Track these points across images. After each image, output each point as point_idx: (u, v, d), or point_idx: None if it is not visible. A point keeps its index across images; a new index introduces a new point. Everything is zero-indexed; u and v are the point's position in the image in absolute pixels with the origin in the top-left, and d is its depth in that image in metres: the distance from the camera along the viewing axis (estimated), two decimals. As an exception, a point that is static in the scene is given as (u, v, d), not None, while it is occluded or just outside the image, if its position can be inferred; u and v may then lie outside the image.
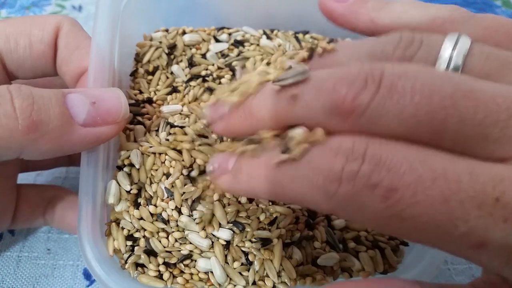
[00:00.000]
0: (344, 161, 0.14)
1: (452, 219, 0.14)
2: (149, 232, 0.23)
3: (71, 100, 0.20)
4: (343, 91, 0.15)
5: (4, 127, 0.18)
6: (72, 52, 0.25)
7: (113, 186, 0.24)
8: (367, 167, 0.14)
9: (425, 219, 0.14)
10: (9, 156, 0.19)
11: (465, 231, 0.14)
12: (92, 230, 0.22)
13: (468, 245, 0.14)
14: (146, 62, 0.29)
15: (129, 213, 0.24)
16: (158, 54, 0.30)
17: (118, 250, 0.23)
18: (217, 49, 0.31)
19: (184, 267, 0.23)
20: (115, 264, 0.23)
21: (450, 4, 0.21)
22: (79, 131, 0.20)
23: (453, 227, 0.14)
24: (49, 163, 0.30)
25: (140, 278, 0.22)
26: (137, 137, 0.25)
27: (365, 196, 0.14)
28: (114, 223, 0.23)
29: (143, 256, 0.23)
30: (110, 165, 0.24)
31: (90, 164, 0.23)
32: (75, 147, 0.21)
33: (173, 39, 0.31)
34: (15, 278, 0.28)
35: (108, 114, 0.21)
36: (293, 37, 0.33)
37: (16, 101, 0.18)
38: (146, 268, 0.23)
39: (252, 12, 0.33)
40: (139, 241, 0.23)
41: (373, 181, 0.14)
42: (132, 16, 0.29)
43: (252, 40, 0.32)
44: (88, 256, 0.21)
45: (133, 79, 0.29)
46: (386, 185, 0.14)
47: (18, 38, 0.24)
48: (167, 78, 0.29)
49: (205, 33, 0.32)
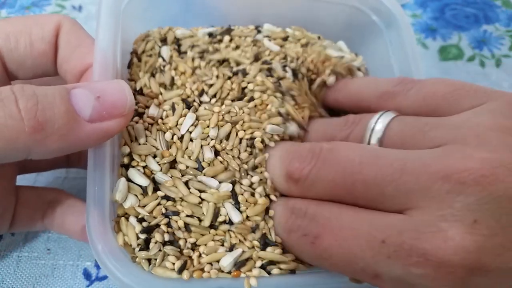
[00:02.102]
0: (294, 218, 0.21)
1: (353, 257, 0.18)
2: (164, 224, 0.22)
3: (76, 96, 0.19)
4: (296, 165, 0.21)
5: (10, 129, 0.17)
6: (74, 50, 0.24)
7: (121, 184, 0.23)
8: (305, 221, 0.20)
9: (336, 258, 0.19)
10: (17, 158, 0.19)
11: (363, 266, 0.18)
12: (102, 226, 0.21)
13: (368, 276, 0.19)
14: (141, 53, 0.29)
15: (140, 206, 0.23)
16: (151, 45, 0.29)
17: (128, 245, 0.22)
18: (205, 31, 0.31)
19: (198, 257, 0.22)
20: (126, 258, 0.22)
21: (448, 5, 0.23)
22: (86, 127, 0.19)
23: (354, 264, 0.18)
24: (47, 164, 0.30)
25: (156, 270, 0.21)
26: (137, 134, 0.25)
27: (302, 243, 0.20)
28: (123, 217, 0.23)
29: (162, 250, 0.22)
30: (116, 161, 0.24)
31: (97, 161, 0.22)
32: (83, 144, 0.20)
33: (165, 33, 0.31)
34: (15, 278, 0.28)
35: (114, 108, 0.20)
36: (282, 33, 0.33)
37: (20, 102, 0.18)
38: (159, 260, 0.22)
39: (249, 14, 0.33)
40: (154, 233, 0.22)
41: (307, 231, 0.20)
42: (132, 18, 0.29)
43: (243, 31, 0.32)
44: (99, 250, 0.21)
45: (130, 71, 0.28)
46: (313, 234, 0.20)
47: (18, 37, 0.24)
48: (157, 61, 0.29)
49: (198, 31, 0.32)
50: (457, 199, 0.17)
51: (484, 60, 0.44)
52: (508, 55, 0.44)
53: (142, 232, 0.22)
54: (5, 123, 0.17)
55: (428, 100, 0.22)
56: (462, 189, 0.17)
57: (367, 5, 0.32)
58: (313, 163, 0.21)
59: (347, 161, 0.20)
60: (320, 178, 0.20)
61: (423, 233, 0.17)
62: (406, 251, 0.17)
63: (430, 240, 0.17)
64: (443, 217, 0.17)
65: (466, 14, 0.47)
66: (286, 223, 0.21)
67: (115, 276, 0.20)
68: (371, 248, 0.18)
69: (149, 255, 0.22)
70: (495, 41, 0.45)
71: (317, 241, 0.19)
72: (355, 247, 0.18)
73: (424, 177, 0.18)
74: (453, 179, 0.17)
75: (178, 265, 0.22)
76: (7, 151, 0.18)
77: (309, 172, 0.20)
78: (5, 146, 0.17)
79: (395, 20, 0.31)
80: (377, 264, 0.18)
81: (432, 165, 0.18)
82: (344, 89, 0.28)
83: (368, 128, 0.22)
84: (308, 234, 0.20)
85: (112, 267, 0.21)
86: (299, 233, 0.20)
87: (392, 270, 0.18)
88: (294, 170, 0.21)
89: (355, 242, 0.18)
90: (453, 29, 0.46)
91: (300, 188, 0.21)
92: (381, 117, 0.22)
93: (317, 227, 0.20)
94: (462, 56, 0.44)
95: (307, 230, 0.20)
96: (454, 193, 0.17)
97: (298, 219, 0.21)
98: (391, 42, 0.31)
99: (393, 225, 0.18)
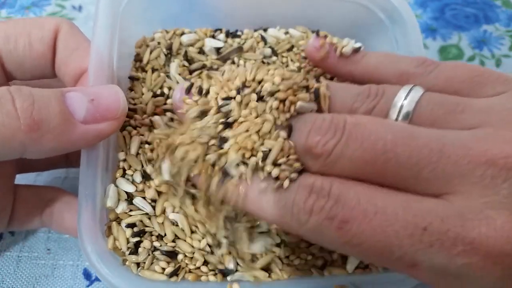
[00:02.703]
0: (315, 198, 0.18)
1: (389, 246, 0.17)
2: None
3: (70, 98, 0.21)
4: (317, 139, 0.19)
5: (7, 127, 0.18)
6: (71, 53, 0.25)
7: (111, 190, 0.24)
8: (330, 203, 0.17)
9: (368, 246, 0.17)
10: (13, 156, 0.20)
11: (400, 255, 0.17)
12: (93, 228, 0.22)
13: (403, 266, 0.17)
14: (145, 63, 0.29)
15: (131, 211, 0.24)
16: (156, 54, 0.30)
17: (118, 248, 0.23)
18: (213, 44, 0.31)
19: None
20: (116, 261, 0.23)
21: (448, 5, 0.22)
22: (79, 128, 0.20)
23: (389, 252, 0.17)
24: (47, 164, 0.30)
25: (144, 272, 0.23)
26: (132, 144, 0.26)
27: (326, 227, 0.17)
28: (114, 222, 0.24)
29: (151, 254, 0.23)
30: (110, 166, 0.24)
31: (90, 164, 0.23)
32: (76, 144, 0.21)
33: (171, 39, 0.31)
34: (15, 278, 0.28)
35: (107, 111, 0.21)
36: (284, 34, 0.33)
37: (17, 101, 0.19)
38: (147, 264, 0.23)
39: (251, 14, 0.33)
40: (143, 238, 0.24)
41: (332, 214, 0.17)
42: (131, 18, 0.29)
43: (249, 34, 0.32)
44: (88, 251, 0.22)
45: (131, 82, 0.29)
46: (340, 218, 0.17)
47: (18, 38, 0.24)
48: (164, 81, 0.29)
49: (202, 32, 0.32)
50: (503, 186, 0.16)
51: (484, 60, 0.43)
52: (508, 55, 0.44)
53: (133, 236, 0.23)
54: (2, 121, 0.18)
55: (450, 83, 0.21)
56: (509, 175, 0.16)
57: (374, 3, 0.32)
58: (338, 137, 0.18)
59: (378, 138, 0.18)
60: (346, 155, 0.18)
61: (469, 220, 0.16)
62: (451, 239, 0.16)
63: (478, 228, 0.16)
64: (489, 204, 0.16)
65: (466, 14, 0.47)
66: (305, 203, 0.18)
67: (104, 277, 0.21)
68: (410, 236, 0.16)
69: (139, 259, 0.23)
70: (495, 41, 0.45)
71: (346, 226, 0.17)
72: (391, 235, 0.17)
73: (464, 160, 0.17)
74: (499, 164, 0.16)
75: (170, 270, 0.23)
76: (3, 149, 0.19)
77: (333, 147, 0.18)
78: (2, 144, 0.18)
79: (402, 18, 0.31)
80: (417, 253, 0.16)
81: (473, 148, 0.17)
82: (362, 62, 0.26)
83: (396, 103, 0.20)
84: (334, 218, 0.17)
85: (101, 268, 0.21)
86: (322, 216, 0.17)
87: (433, 259, 0.16)
88: (315, 143, 0.18)
89: (391, 228, 0.17)
90: (453, 29, 0.46)
91: (320, 165, 0.19)
92: (411, 93, 0.20)
93: (344, 209, 0.17)
94: (462, 56, 0.44)
95: (332, 212, 0.17)
96: (500, 179, 0.16)
97: (320, 199, 0.18)
98: (397, 40, 0.31)
99: (433, 211, 0.17)
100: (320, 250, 0.25)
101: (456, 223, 0.16)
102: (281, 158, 0.19)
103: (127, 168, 0.25)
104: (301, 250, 0.25)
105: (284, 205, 0.18)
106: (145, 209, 0.24)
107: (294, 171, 0.19)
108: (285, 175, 0.19)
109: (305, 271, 0.24)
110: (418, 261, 0.17)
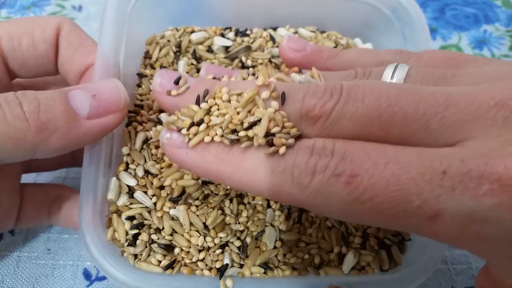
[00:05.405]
0: (318, 158, 0.17)
1: (406, 195, 0.15)
2: None
3: (73, 97, 0.21)
4: (313, 102, 0.18)
5: (18, 129, 0.19)
6: (75, 50, 0.25)
7: (113, 183, 0.24)
8: (335, 160, 0.16)
9: (381, 199, 0.15)
10: (25, 157, 0.20)
11: (419, 204, 0.15)
12: (93, 220, 0.23)
13: (423, 217, 0.15)
14: (154, 61, 0.30)
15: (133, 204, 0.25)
16: (165, 52, 0.30)
17: (117, 240, 0.24)
18: (221, 43, 0.31)
19: None
20: (115, 252, 0.24)
21: (448, 5, 0.23)
22: (85, 124, 0.21)
23: (407, 202, 0.15)
24: (53, 163, 0.30)
25: (140, 264, 0.23)
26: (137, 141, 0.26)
27: (332, 185, 0.16)
28: (115, 214, 0.24)
29: (148, 247, 0.24)
30: (113, 160, 0.25)
31: (92, 158, 0.24)
32: (84, 140, 0.22)
33: (180, 37, 0.31)
34: (15, 278, 0.28)
35: (109, 104, 0.22)
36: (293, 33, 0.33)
37: (24, 104, 0.20)
38: (144, 256, 0.24)
39: (260, 13, 0.34)
40: (142, 230, 0.24)
41: (339, 171, 0.16)
42: (141, 16, 0.29)
43: (259, 33, 0.32)
44: (88, 241, 0.22)
45: (139, 79, 0.29)
46: (348, 172, 0.16)
47: (21, 38, 0.25)
48: None
49: (212, 31, 0.32)
50: None
51: (484, 60, 0.44)
52: (508, 55, 0.44)
53: (132, 228, 0.24)
54: (14, 124, 0.19)
55: (432, 65, 0.21)
56: None
57: (384, 3, 0.32)
58: (336, 98, 0.17)
59: (380, 93, 0.17)
60: (347, 114, 0.17)
61: (492, 157, 0.15)
62: (475, 179, 0.14)
63: (503, 163, 0.14)
64: (510, 142, 0.15)
65: (466, 14, 0.47)
66: (307, 164, 0.17)
67: (101, 267, 0.22)
68: (429, 181, 0.15)
69: (136, 251, 0.24)
70: (495, 41, 0.45)
71: (355, 180, 0.16)
72: (407, 182, 0.15)
73: (473, 106, 0.16)
74: (509, 105, 0.15)
75: (165, 262, 0.23)
76: (17, 150, 0.20)
77: (332, 108, 0.17)
78: (15, 145, 0.19)
79: (410, 16, 0.31)
80: (438, 199, 0.15)
81: (479, 95, 0.16)
82: (337, 57, 0.26)
83: (385, 77, 0.20)
84: (341, 174, 0.16)
85: (99, 258, 0.22)
86: (327, 174, 0.16)
87: (458, 205, 0.15)
88: (312, 106, 0.18)
89: (407, 176, 0.15)
90: (453, 29, 0.46)
91: (319, 129, 0.18)
92: (397, 69, 0.20)
93: (352, 164, 0.16)
94: (462, 56, 0.44)
95: (339, 169, 0.16)
96: None
97: (323, 158, 0.17)
98: (407, 40, 0.31)
99: (451, 155, 0.15)
100: (318, 250, 0.25)
101: (478, 161, 0.15)
102: (275, 127, 0.18)
103: (130, 162, 0.25)
104: (299, 248, 0.25)
105: (283, 170, 0.17)
106: (145, 202, 0.24)
107: (290, 137, 0.18)
108: (281, 142, 0.17)
109: (301, 270, 0.24)
110: (440, 210, 0.15)
